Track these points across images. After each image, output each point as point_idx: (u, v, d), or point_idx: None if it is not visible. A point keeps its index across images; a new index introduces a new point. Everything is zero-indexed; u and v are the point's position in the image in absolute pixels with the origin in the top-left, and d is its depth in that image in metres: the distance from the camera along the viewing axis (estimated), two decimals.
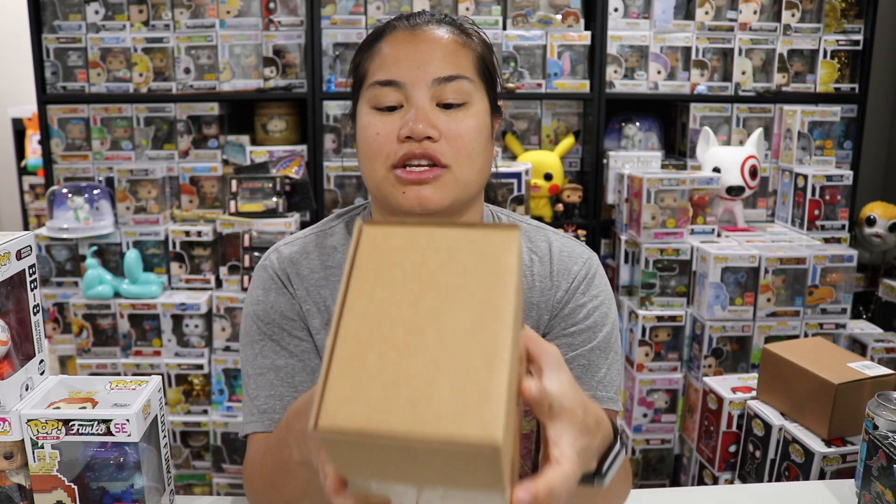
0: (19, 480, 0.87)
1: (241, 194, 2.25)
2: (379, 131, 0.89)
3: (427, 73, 0.89)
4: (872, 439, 0.98)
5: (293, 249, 1.00)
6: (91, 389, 0.91)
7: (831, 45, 2.39)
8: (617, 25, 2.36)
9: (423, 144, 0.88)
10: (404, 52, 0.90)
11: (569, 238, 1.02)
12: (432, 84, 0.89)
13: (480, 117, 0.92)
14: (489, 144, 0.94)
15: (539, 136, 2.50)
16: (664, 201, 2.17)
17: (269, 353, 0.96)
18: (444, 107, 0.90)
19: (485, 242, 0.55)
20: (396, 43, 0.91)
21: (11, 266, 0.85)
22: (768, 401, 1.60)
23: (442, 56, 0.90)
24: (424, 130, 0.87)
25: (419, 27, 0.92)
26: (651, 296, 2.18)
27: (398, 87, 0.89)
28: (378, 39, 0.93)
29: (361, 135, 0.92)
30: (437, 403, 0.47)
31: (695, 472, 2.03)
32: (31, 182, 3.45)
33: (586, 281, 0.97)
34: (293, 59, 2.35)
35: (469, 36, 0.95)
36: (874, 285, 2.45)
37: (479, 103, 0.92)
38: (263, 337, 0.96)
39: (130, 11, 2.30)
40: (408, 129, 0.87)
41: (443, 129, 0.88)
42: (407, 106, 0.89)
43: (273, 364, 0.95)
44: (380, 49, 0.92)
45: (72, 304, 2.20)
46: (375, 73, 0.91)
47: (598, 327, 0.96)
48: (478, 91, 0.92)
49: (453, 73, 0.89)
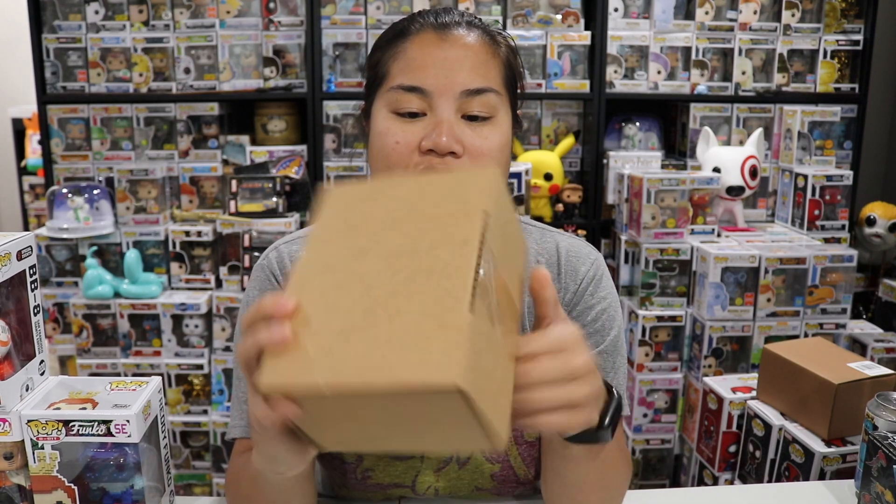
0: (19, 481, 0.87)
1: (241, 194, 2.25)
2: (399, 140, 0.85)
3: (455, 84, 0.84)
4: (872, 440, 0.98)
5: (292, 248, 0.98)
6: (91, 390, 0.91)
7: (831, 45, 2.39)
8: (617, 25, 2.36)
9: (445, 160, 0.84)
10: (432, 57, 0.85)
11: (575, 238, 1.00)
12: (460, 95, 0.84)
13: (504, 132, 0.88)
14: (510, 158, 0.91)
15: (539, 136, 2.50)
16: (664, 201, 2.17)
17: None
18: (468, 118, 0.86)
19: (455, 184, 0.53)
20: (424, 46, 0.86)
21: (12, 266, 0.85)
22: (768, 401, 1.60)
23: (471, 66, 0.85)
24: (449, 145, 0.83)
25: (449, 30, 0.86)
26: (651, 296, 2.18)
27: (423, 94, 0.85)
28: (402, 38, 0.88)
29: (378, 140, 0.87)
30: (397, 349, 0.45)
31: (695, 472, 2.03)
32: (31, 182, 3.44)
33: (594, 282, 0.96)
34: (293, 59, 2.35)
35: (497, 43, 0.90)
36: (874, 285, 2.45)
37: (503, 117, 0.88)
38: None
39: (130, 11, 2.30)
40: (431, 142, 0.83)
41: (467, 145, 0.85)
42: (431, 115, 0.85)
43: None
44: (405, 50, 0.87)
45: (72, 305, 2.20)
46: (398, 76, 0.86)
47: (607, 330, 0.95)
48: (503, 104, 0.89)
49: (482, 85, 0.85)
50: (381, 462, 0.97)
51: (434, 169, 0.84)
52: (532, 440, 0.98)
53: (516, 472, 0.99)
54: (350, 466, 0.98)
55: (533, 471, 1.00)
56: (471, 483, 0.99)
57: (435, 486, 0.98)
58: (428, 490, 0.99)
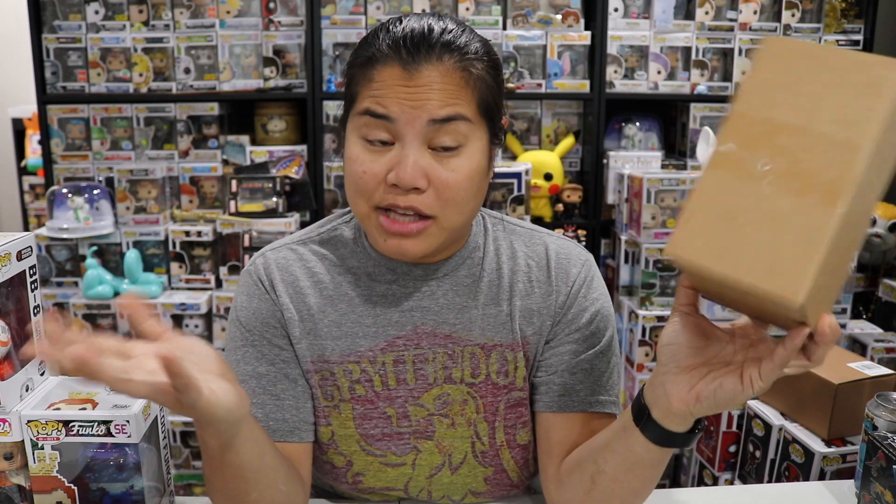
0: (19, 481, 0.87)
1: (241, 194, 2.25)
2: (366, 169, 0.84)
3: (422, 113, 0.81)
4: (872, 440, 0.98)
5: (279, 255, 0.97)
6: (91, 390, 0.92)
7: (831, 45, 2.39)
8: (617, 25, 2.36)
9: (408, 197, 0.83)
10: (399, 88, 0.82)
11: (564, 240, 1.00)
12: (427, 124, 0.82)
13: (475, 159, 0.85)
14: (483, 183, 0.89)
15: (539, 136, 2.50)
16: (664, 201, 2.17)
17: (250, 359, 0.93)
18: (438, 148, 0.83)
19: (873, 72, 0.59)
20: (391, 77, 0.82)
21: (12, 267, 0.85)
22: (768, 401, 1.60)
23: (439, 95, 0.82)
24: (413, 181, 0.82)
25: (417, 60, 0.82)
26: (651, 296, 2.19)
27: (390, 122, 0.82)
28: (371, 64, 0.84)
29: (348, 166, 0.87)
30: (764, 255, 0.59)
31: (695, 472, 2.03)
32: (31, 182, 3.45)
33: (586, 284, 0.96)
34: (293, 59, 2.35)
35: (471, 68, 0.84)
36: (874, 285, 2.45)
37: (476, 142, 0.86)
38: (246, 343, 0.94)
39: (130, 11, 2.30)
40: (395, 177, 0.82)
41: (432, 178, 0.83)
42: (398, 145, 0.83)
43: (255, 371, 0.93)
44: (372, 77, 0.84)
45: (72, 304, 2.21)
46: (365, 101, 0.84)
47: (601, 332, 0.95)
48: (476, 130, 0.85)
49: (450, 113, 0.82)
50: (371, 467, 0.97)
51: (397, 205, 0.84)
52: (525, 443, 0.98)
53: (510, 475, 0.99)
54: (340, 471, 0.97)
55: (526, 473, 1.00)
56: (464, 487, 0.99)
57: (428, 489, 0.98)
58: (421, 493, 0.99)
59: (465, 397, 0.95)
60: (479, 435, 0.96)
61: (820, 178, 0.59)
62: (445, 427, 0.96)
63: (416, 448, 0.96)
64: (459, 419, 0.96)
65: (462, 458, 0.97)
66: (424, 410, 0.95)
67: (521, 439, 0.98)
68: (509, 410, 0.96)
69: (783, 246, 0.59)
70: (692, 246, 0.63)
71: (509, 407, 0.96)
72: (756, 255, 0.60)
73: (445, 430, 0.96)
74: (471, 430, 0.96)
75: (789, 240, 0.59)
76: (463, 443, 0.96)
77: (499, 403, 0.96)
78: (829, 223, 0.58)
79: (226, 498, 0.84)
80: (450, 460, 0.97)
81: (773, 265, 0.59)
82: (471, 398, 0.95)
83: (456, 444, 0.96)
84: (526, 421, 0.98)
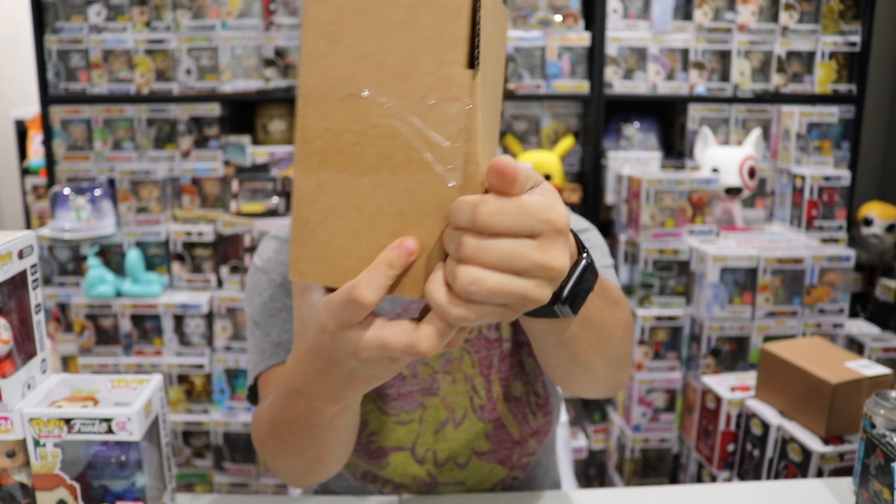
0: (21, 479, 0.88)
1: (242, 194, 2.26)
2: None
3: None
4: (870, 438, 0.99)
5: (269, 245, 1.03)
6: (93, 388, 0.92)
7: (829, 46, 2.40)
8: (616, 26, 2.36)
9: None
10: None
11: (572, 214, 1.04)
12: None
13: None
14: None
15: (538, 136, 2.51)
16: (663, 201, 2.17)
17: (280, 296, 0.98)
18: None
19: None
20: None
21: (13, 265, 0.86)
22: (766, 400, 1.60)
23: None
24: None
25: None
26: (650, 296, 2.19)
27: None
28: None
29: None
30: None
31: (693, 471, 2.03)
32: (33, 182, 3.45)
33: (582, 234, 1.01)
34: (294, 60, 2.36)
35: None
36: (872, 285, 2.46)
37: None
38: (273, 285, 0.98)
39: (132, 13, 2.31)
40: None
41: None
42: None
43: (285, 305, 0.97)
44: None
45: (73, 304, 2.21)
46: None
47: None
48: None
49: None
50: (384, 427, 1.01)
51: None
52: (519, 395, 1.03)
53: (509, 431, 1.03)
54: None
55: (526, 429, 1.03)
56: (467, 446, 1.02)
57: (433, 448, 1.02)
58: (427, 453, 1.02)
59: (461, 353, 1.01)
60: (476, 389, 1.02)
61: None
62: (448, 383, 1.01)
63: (423, 405, 1.01)
64: (458, 375, 1.01)
65: (463, 413, 1.02)
66: (430, 368, 1.01)
67: (515, 391, 1.03)
68: (502, 363, 1.02)
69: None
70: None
71: (502, 360, 1.02)
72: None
73: (448, 387, 1.01)
74: (468, 386, 1.01)
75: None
76: (463, 398, 1.01)
77: (492, 357, 1.01)
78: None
79: (306, 460, 0.79)
80: (453, 416, 1.02)
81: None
82: (466, 354, 1.01)
83: (458, 400, 1.01)
84: (517, 373, 1.03)
